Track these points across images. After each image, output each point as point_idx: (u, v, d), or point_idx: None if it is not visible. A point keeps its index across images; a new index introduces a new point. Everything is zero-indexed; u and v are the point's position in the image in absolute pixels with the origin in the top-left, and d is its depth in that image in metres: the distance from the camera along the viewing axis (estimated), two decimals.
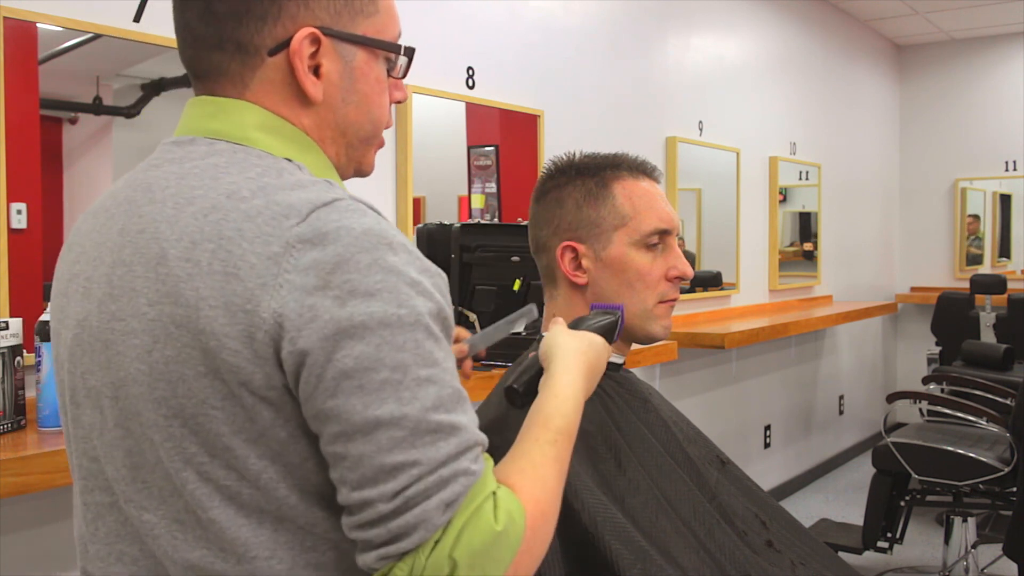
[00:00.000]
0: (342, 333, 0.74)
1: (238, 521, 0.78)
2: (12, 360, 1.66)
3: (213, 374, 0.76)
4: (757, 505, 1.41)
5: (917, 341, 6.33)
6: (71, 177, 1.96)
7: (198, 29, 0.85)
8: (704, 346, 3.68)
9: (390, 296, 0.75)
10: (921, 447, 3.24)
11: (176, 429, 0.78)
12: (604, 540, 1.10)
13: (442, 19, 2.80)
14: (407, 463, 0.74)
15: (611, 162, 1.32)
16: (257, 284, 0.74)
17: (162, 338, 0.77)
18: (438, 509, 0.74)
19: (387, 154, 2.64)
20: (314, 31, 0.84)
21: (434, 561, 0.73)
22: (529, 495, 0.81)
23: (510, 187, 2.94)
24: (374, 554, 0.75)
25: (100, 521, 0.86)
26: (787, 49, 5.01)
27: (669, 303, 1.32)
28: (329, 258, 0.75)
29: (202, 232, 0.77)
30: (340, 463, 0.75)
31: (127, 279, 0.80)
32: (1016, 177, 6.10)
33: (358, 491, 0.74)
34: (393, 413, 0.74)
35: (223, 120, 0.85)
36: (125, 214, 0.83)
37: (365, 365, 0.74)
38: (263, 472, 0.78)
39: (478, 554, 0.74)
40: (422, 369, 0.75)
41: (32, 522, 1.82)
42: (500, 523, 0.76)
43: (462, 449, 0.76)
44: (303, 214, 0.76)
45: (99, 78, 2.01)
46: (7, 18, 1.78)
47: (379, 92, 0.91)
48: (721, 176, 4.39)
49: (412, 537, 0.74)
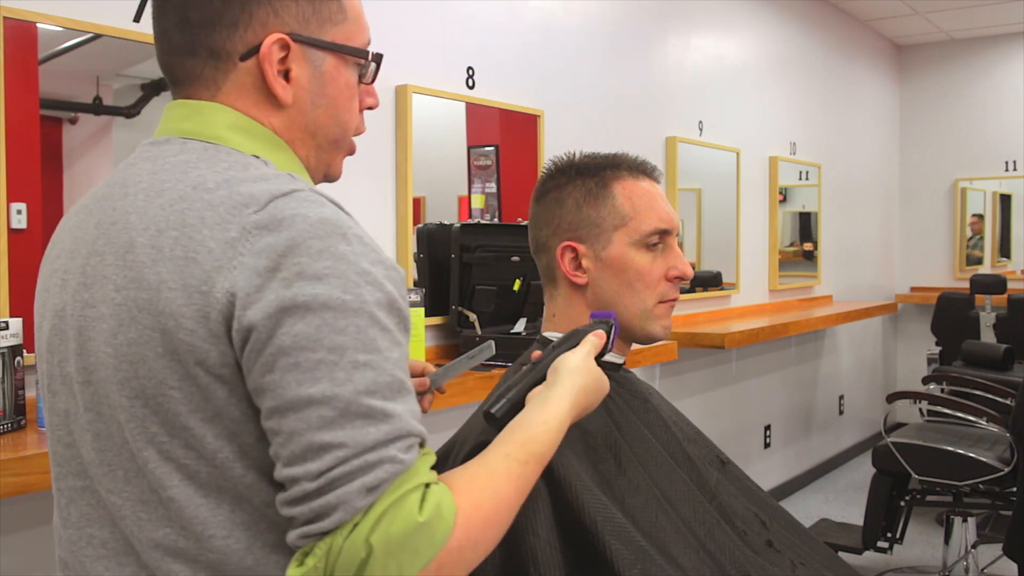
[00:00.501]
0: (284, 311, 0.76)
1: (196, 500, 0.81)
2: (12, 360, 1.66)
3: (171, 354, 0.79)
4: (757, 505, 1.41)
5: (917, 341, 6.33)
6: (71, 177, 1.96)
7: (174, 37, 0.89)
8: (704, 346, 3.68)
9: (337, 282, 0.77)
10: (921, 447, 3.24)
11: (138, 409, 0.81)
12: (604, 540, 1.10)
13: (442, 19, 2.80)
14: (333, 444, 0.75)
15: (611, 162, 1.32)
16: (213, 267, 0.78)
17: (126, 321, 0.81)
18: (359, 493, 0.74)
19: (387, 154, 2.64)
20: (283, 37, 0.89)
21: (351, 544, 0.74)
22: (469, 497, 0.81)
23: (510, 187, 2.94)
24: (297, 532, 0.76)
25: (73, 506, 0.89)
26: (787, 49, 5.01)
27: (669, 303, 1.32)
28: (282, 242, 0.78)
29: (167, 220, 0.81)
30: (275, 438, 0.77)
31: (99, 268, 0.85)
32: (1016, 177, 6.10)
33: (288, 468, 0.76)
34: (325, 392, 0.75)
35: (196, 121, 0.90)
36: (101, 209, 0.88)
37: (302, 344, 0.76)
38: (220, 451, 0.81)
39: (395, 542, 0.74)
40: (360, 354, 0.77)
41: (32, 522, 1.82)
42: (424, 514, 0.76)
43: (392, 437, 0.77)
44: (262, 203, 0.80)
45: (99, 78, 2.01)
46: (7, 18, 1.78)
47: (348, 97, 0.95)
48: (721, 176, 4.39)
49: (331, 518, 0.74)
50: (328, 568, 0.74)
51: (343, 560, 0.74)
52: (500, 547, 1.09)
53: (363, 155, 2.58)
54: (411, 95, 2.63)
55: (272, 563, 0.83)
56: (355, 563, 0.74)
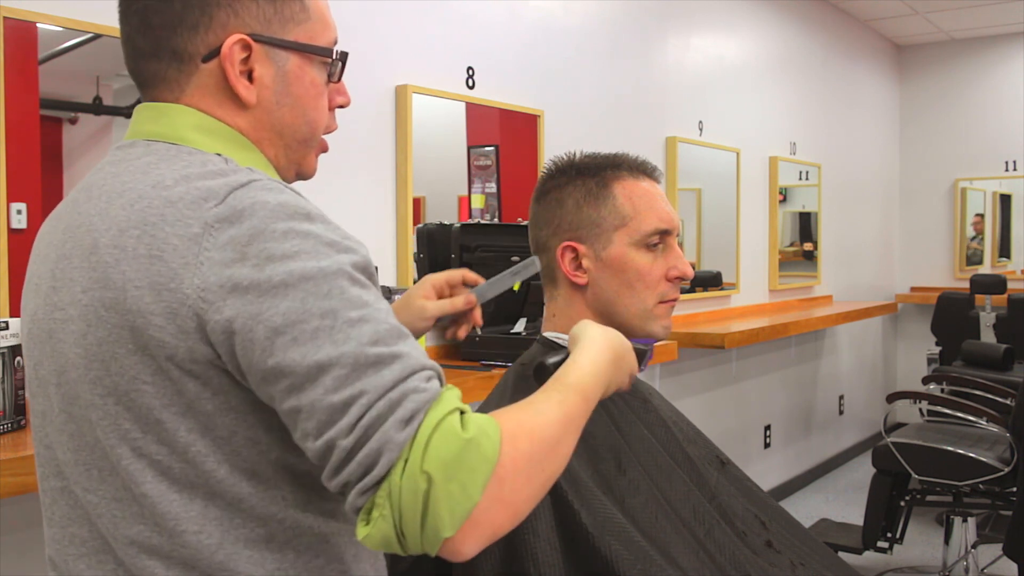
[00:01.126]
0: (265, 295, 0.77)
1: (169, 496, 0.82)
2: (12, 360, 1.66)
3: (142, 351, 0.80)
4: (757, 505, 1.41)
5: (917, 341, 6.33)
6: (71, 177, 1.96)
7: (137, 41, 0.90)
8: (704, 346, 3.68)
9: (308, 255, 0.78)
10: (921, 447, 3.24)
11: (111, 407, 0.82)
12: (604, 540, 1.10)
13: (442, 19, 2.80)
14: (355, 395, 0.75)
15: (611, 162, 1.32)
16: (180, 264, 0.79)
17: (94, 322, 0.82)
18: (396, 428, 0.74)
19: (387, 154, 2.64)
20: (244, 37, 0.89)
21: (408, 479, 0.73)
22: (509, 416, 0.81)
23: (510, 187, 2.94)
24: (353, 493, 0.75)
25: (56, 506, 0.91)
26: (787, 49, 5.01)
27: (669, 303, 1.32)
28: (244, 232, 0.78)
29: (128, 220, 0.82)
30: (297, 417, 0.77)
31: (67, 271, 0.86)
32: (1016, 177, 6.10)
33: (319, 437, 0.76)
34: (331, 355, 0.75)
35: (161, 123, 0.91)
36: (69, 214, 0.90)
37: (293, 319, 0.76)
38: (192, 444, 0.82)
39: (450, 464, 0.73)
40: (352, 311, 0.77)
41: (32, 522, 1.82)
42: (468, 432, 0.75)
43: (408, 372, 0.77)
44: (221, 196, 0.81)
45: (99, 78, 2.01)
46: (7, 18, 1.78)
47: (314, 96, 0.95)
48: (721, 176, 4.39)
49: (380, 462, 0.74)
50: (395, 512, 0.73)
51: (406, 498, 0.73)
52: (500, 547, 1.09)
53: (363, 155, 2.60)
54: (411, 95, 2.63)
55: (244, 558, 0.83)
56: (419, 497, 0.73)
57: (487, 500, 0.75)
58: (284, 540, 0.85)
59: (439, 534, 0.73)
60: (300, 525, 0.86)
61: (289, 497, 0.86)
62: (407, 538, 0.74)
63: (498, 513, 0.76)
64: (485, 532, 0.76)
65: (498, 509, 0.76)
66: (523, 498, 0.78)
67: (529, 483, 0.79)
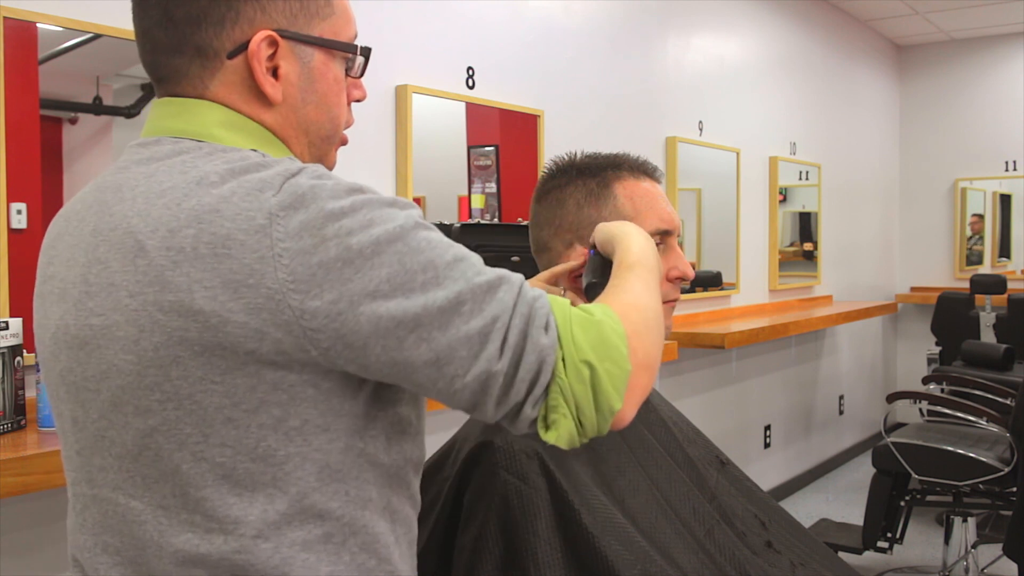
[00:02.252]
0: (361, 269, 0.78)
1: (229, 500, 0.81)
2: (12, 360, 1.66)
3: (212, 351, 0.78)
4: (757, 506, 1.41)
5: (917, 341, 6.33)
6: (71, 177, 1.96)
7: (157, 35, 0.88)
8: (704, 346, 3.68)
9: (382, 220, 0.80)
10: (921, 447, 3.24)
11: (171, 412, 0.80)
12: (605, 540, 1.10)
13: (442, 19, 2.80)
14: (488, 322, 0.79)
15: (612, 162, 1.32)
16: (254, 258, 0.77)
17: (148, 326, 0.79)
18: (541, 335, 0.80)
19: (387, 154, 2.64)
20: (271, 34, 0.87)
21: (573, 372, 0.80)
22: (612, 300, 0.90)
23: (510, 187, 2.94)
24: (527, 407, 0.81)
25: (87, 512, 0.89)
26: (787, 49, 5.01)
27: (670, 304, 1.32)
28: (314, 216, 0.78)
29: (177, 219, 0.79)
30: (438, 367, 0.79)
31: (104, 275, 0.82)
32: (1016, 177, 6.10)
33: (470, 372, 0.79)
34: (448, 296, 0.79)
35: (187, 119, 0.88)
36: (96, 215, 0.86)
37: (399, 281, 0.78)
38: (262, 440, 0.81)
39: (598, 347, 0.82)
40: (445, 255, 0.81)
41: (32, 522, 1.82)
42: (596, 316, 0.84)
43: (518, 286, 0.83)
44: (277, 186, 0.79)
45: (99, 78, 2.01)
46: (7, 18, 1.78)
47: (337, 92, 0.95)
48: (721, 176, 4.39)
49: (544, 369, 0.80)
50: (571, 406, 0.81)
51: (578, 389, 0.80)
52: (500, 546, 1.09)
53: (363, 155, 2.59)
54: (411, 95, 2.63)
55: (299, 562, 0.82)
56: (588, 384, 0.81)
57: (634, 366, 0.84)
58: (340, 541, 0.85)
59: (613, 408, 0.82)
60: (356, 523, 0.86)
61: (351, 492, 0.85)
62: (585, 426, 0.82)
63: (642, 375, 0.86)
64: (638, 395, 0.85)
65: (642, 372, 0.85)
66: (653, 358, 0.88)
67: (653, 345, 0.88)
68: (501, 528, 1.10)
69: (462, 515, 1.14)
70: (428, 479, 1.22)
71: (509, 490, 1.10)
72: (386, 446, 0.88)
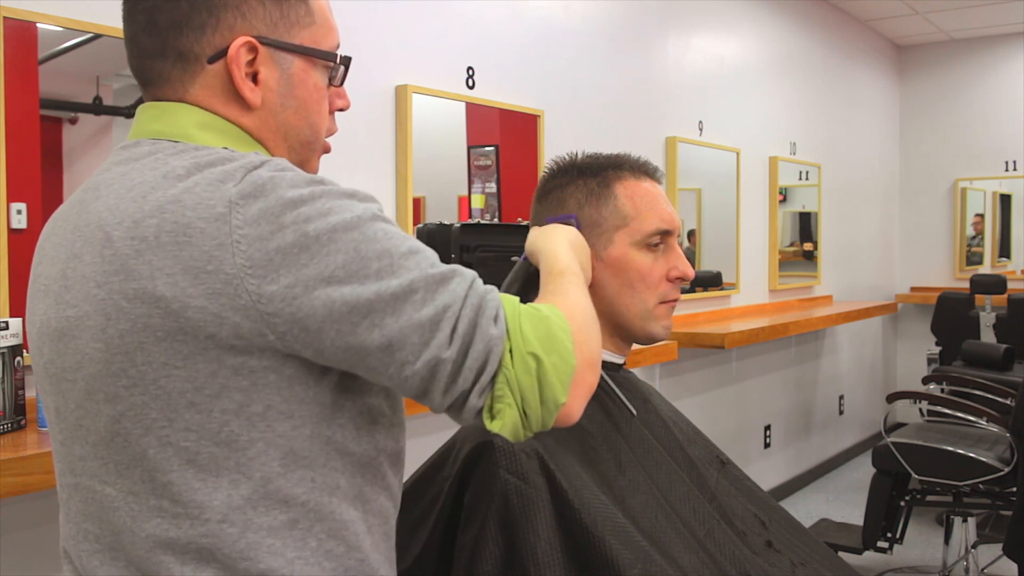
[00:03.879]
0: (317, 255, 0.79)
1: (194, 484, 0.83)
2: (12, 360, 1.66)
3: (173, 336, 0.80)
4: (757, 505, 1.41)
5: (917, 341, 6.33)
6: (71, 177, 1.96)
7: (143, 40, 0.92)
8: (704, 346, 3.68)
9: (340, 209, 0.82)
10: (921, 447, 3.24)
11: (137, 397, 0.82)
12: (604, 540, 1.10)
13: (442, 19, 2.80)
14: (440, 310, 0.81)
15: (613, 162, 1.32)
16: (213, 245, 0.79)
17: (114, 314, 0.82)
18: (490, 326, 0.83)
19: (387, 154, 2.64)
20: (250, 40, 0.90)
21: (520, 363, 0.83)
22: (553, 301, 0.93)
23: (510, 187, 2.94)
24: (473, 395, 0.83)
25: (71, 501, 0.91)
26: (787, 49, 5.01)
27: (670, 303, 1.32)
28: (273, 204, 0.80)
29: (142, 210, 0.82)
30: (389, 351, 0.81)
31: (78, 269, 0.85)
32: (1016, 177, 6.10)
33: (419, 358, 0.81)
34: (402, 284, 0.81)
35: (165, 121, 0.91)
36: (77, 214, 0.89)
37: (354, 268, 0.80)
38: (225, 425, 0.82)
39: (545, 341, 0.84)
40: (401, 245, 0.83)
41: (32, 522, 1.82)
42: (542, 311, 0.87)
43: (470, 279, 0.85)
44: (239, 177, 0.82)
45: (99, 78, 2.01)
46: (7, 18, 1.78)
47: (317, 99, 0.97)
48: (721, 176, 4.39)
49: (491, 359, 0.82)
50: (517, 396, 0.83)
51: (524, 380, 0.83)
52: (500, 546, 1.09)
53: (363, 155, 2.59)
54: (411, 95, 2.63)
55: (265, 547, 0.84)
56: (534, 375, 0.83)
57: (579, 362, 0.86)
58: (306, 527, 0.86)
59: (557, 401, 0.84)
60: (323, 510, 0.87)
61: (318, 479, 0.87)
62: (530, 417, 0.84)
63: (587, 372, 0.88)
64: (583, 391, 0.87)
65: (586, 368, 0.88)
66: (596, 356, 0.90)
67: (596, 344, 0.91)
68: (501, 528, 1.10)
69: (462, 515, 1.14)
70: (428, 479, 1.22)
71: (509, 490, 1.10)
72: (355, 435, 0.89)
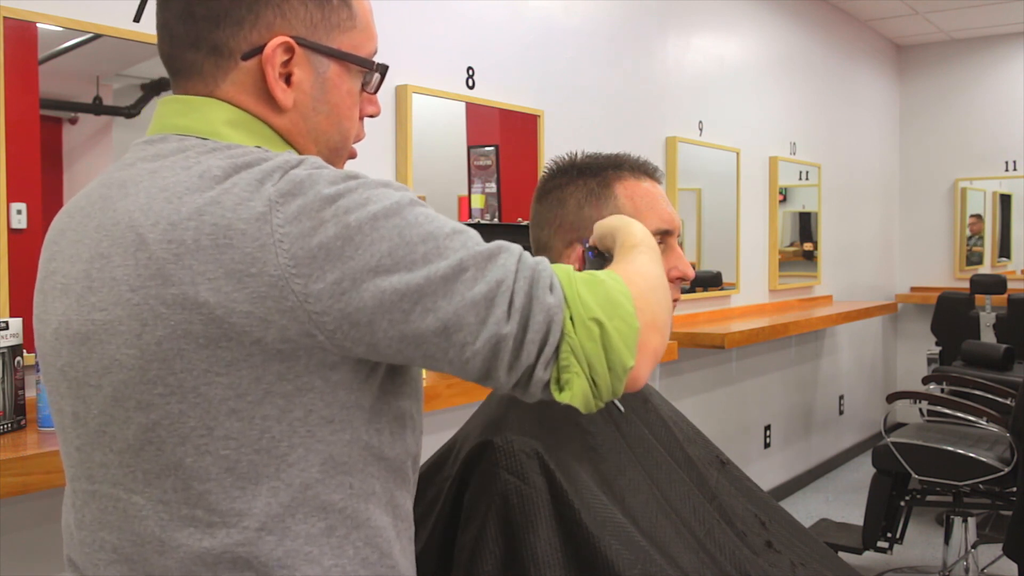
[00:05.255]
0: (361, 245, 0.77)
1: (233, 493, 0.81)
2: (12, 360, 1.66)
3: (216, 343, 0.78)
4: (757, 506, 1.41)
5: (917, 341, 6.33)
6: (71, 177, 1.96)
7: (176, 28, 0.88)
8: (704, 346, 3.68)
9: (378, 198, 0.80)
10: (921, 447, 3.24)
11: (174, 406, 0.80)
12: (604, 540, 1.10)
13: (442, 19, 2.80)
14: (493, 286, 0.79)
15: (613, 162, 1.32)
16: (255, 247, 0.77)
17: (150, 320, 0.79)
18: (547, 296, 0.80)
19: (387, 154, 2.64)
20: (288, 40, 0.88)
21: (583, 330, 0.80)
22: (616, 268, 0.90)
23: (510, 187, 2.94)
24: (538, 369, 0.80)
25: (86, 508, 0.88)
26: (787, 49, 5.00)
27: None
28: (312, 200, 0.78)
29: (179, 213, 0.79)
30: (446, 336, 0.79)
31: (106, 270, 0.82)
32: (1016, 177, 6.10)
33: (479, 337, 0.78)
34: (451, 265, 0.79)
35: (193, 117, 0.89)
36: (100, 211, 0.85)
37: (401, 254, 0.78)
38: (266, 432, 0.80)
39: (605, 305, 0.81)
40: (445, 227, 0.81)
41: (32, 522, 1.82)
42: (598, 276, 0.84)
43: (518, 251, 0.83)
44: (277, 177, 0.80)
45: (99, 78, 2.01)
46: (7, 18, 1.78)
47: (350, 105, 0.95)
48: (721, 176, 4.39)
49: (553, 329, 0.80)
50: (583, 364, 0.80)
51: (589, 347, 0.80)
52: (500, 546, 1.09)
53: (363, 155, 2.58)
54: (411, 95, 2.63)
55: (303, 556, 0.82)
56: (598, 341, 0.80)
57: (642, 325, 0.83)
58: (343, 534, 0.84)
59: (625, 366, 0.81)
60: (360, 517, 0.86)
61: (356, 485, 0.85)
62: (599, 385, 0.81)
63: (652, 335, 0.85)
64: (650, 354, 0.84)
65: (650, 332, 0.85)
66: (662, 321, 0.87)
67: (660, 307, 0.87)
68: (501, 528, 1.09)
69: (462, 515, 1.14)
70: (428, 479, 1.22)
71: (509, 490, 1.10)
72: (390, 440, 0.88)
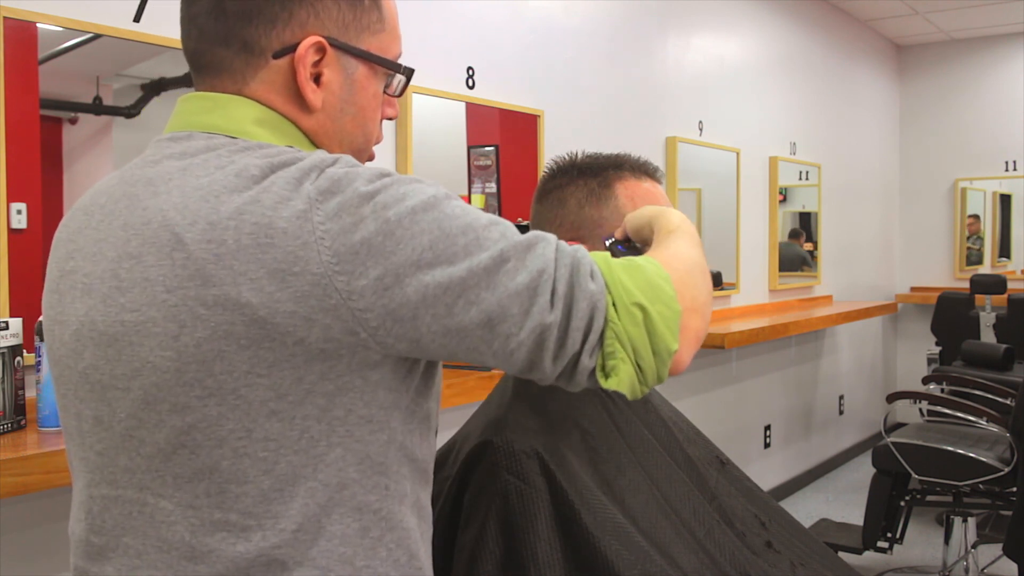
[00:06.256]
0: (401, 240, 0.77)
1: (271, 495, 0.80)
2: (12, 360, 1.65)
3: (258, 343, 0.77)
4: (757, 506, 1.41)
5: (917, 341, 6.33)
6: (71, 177, 1.96)
7: (206, 24, 0.87)
8: (704, 346, 3.68)
9: (415, 193, 0.80)
10: (921, 447, 3.24)
11: (212, 409, 0.79)
12: (604, 540, 1.10)
13: (442, 19, 2.80)
14: (535, 276, 0.79)
15: (613, 162, 1.31)
16: (297, 245, 0.76)
17: (188, 322, 0.77)
18: (588, 281, 0.80)
19: (387, 154, 2.64)
20: (321, 40, 0.87)
21: (626, 315, 0.80)
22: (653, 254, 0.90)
23: (510, 187, 2.94)
24: (584, 356, 0.80)
25: (106, 514, 0.86)
26: (787, 49, 5.00)
27: None
28: (350, 197, 0.78)
29: (217, 212, 0.78)
30: (491, 327, 0.79)
31: (137, 270, 0.80)
32: (1016, 177, 6.10)
33: (523, 327, 0.78)
34: (492, 255, 0.79)
35: (220, 115, 0.87)
36: (127, 209, 0.83)
37: (442, 247, 0.78)
38: (306, 432, 0.80)
39: (646, 289, 0.82)
40: (482, 218, 0.81)
41: (32, 522, 1.82)
42: (635, 261, 0.84)
43: (555, 240, 0.83)
44: (315, 176, 0.79)
45: (99, 78, 2.01)
46: (7, 18, 1.78)
47: (374, 107, 0.95)
48: (721, 176, 4.39)
49: (596, 316, 0.80)
50: (629, 350, 0.80)
51: (633, 332, 0.80)
52: (500, 546, 1.09)
53: None
54: (411, 95, 2.63)
55: (336, 556, 0.82)
56: (642, 326, 0.80)
57: (683, 308, 0.84)
58: (377, 535, 0.84)
59: (670, 350, 0.82)
60: (394, 518, 0.86)
61: (391, 486, 0.85)
62: (645, 371, 0.82)
63: (693, 318, 0.85)
64: (692, 337, 0.85)
65: (691, 315, 0.85)
66: (702, 303, 0.87)
67: (699, 291, 0.88)
68: (501, 528, 1.09)
69: (462, 515, 1.14)
70: None
71: (509, 490, 1.10)
72: (420, 441, 0.89)
